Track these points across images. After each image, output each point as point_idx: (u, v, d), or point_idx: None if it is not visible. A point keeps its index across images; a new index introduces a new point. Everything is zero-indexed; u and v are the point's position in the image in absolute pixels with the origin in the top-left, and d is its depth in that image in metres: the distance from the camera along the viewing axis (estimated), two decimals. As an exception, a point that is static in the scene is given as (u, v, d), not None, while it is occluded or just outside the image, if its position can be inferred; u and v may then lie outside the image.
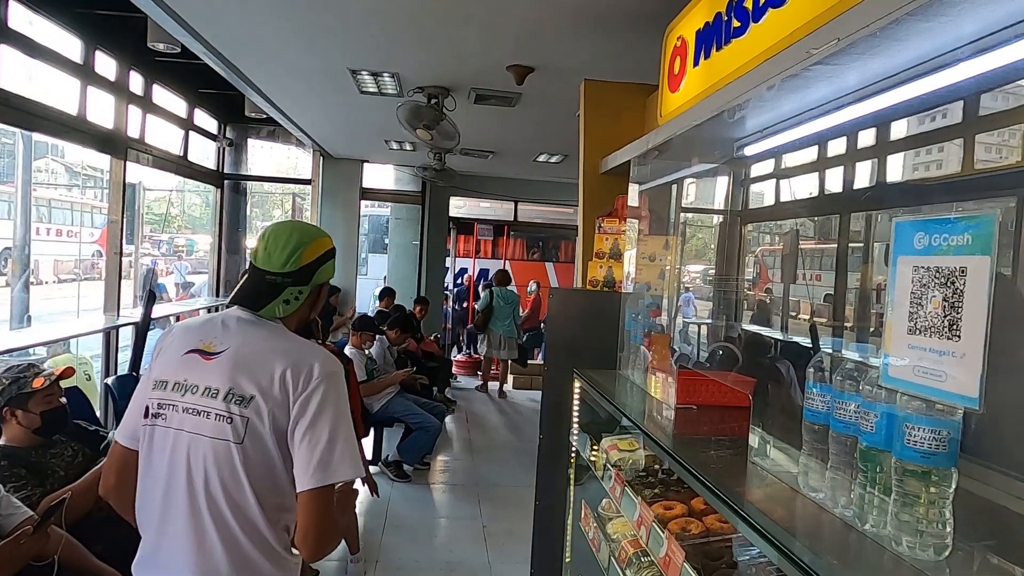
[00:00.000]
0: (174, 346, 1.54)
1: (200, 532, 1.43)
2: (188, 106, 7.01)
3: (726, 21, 2.18)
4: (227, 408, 1.43)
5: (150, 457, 1.49)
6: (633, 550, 2.08)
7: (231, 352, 1.48)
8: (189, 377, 1.48)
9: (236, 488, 1.42)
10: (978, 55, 1.41)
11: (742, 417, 1.73)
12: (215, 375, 1.46)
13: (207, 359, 1.48)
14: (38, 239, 13.18)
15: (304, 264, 1.56)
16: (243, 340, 1.50)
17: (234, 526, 1.43)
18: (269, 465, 1.44)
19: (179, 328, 1.60)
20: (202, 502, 1.42)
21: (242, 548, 1.43)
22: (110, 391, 4.25)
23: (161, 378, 1.51)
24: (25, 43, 4.26)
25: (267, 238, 1.57)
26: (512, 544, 4.03)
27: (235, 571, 1.43)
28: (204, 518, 1.42)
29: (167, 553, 1.47)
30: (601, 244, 3.28)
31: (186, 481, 1.43)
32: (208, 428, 1.43)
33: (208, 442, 1.43)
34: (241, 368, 1.45)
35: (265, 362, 1.45)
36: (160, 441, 1.48)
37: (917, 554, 1.04)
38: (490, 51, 4.05)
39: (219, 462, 1.42)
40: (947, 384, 0.98)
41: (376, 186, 9.80)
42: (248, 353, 1.48)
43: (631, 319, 2.69)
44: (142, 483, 1.51)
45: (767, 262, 3.82)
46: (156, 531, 1.48)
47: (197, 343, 1.51)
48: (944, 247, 0.99)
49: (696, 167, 3.07)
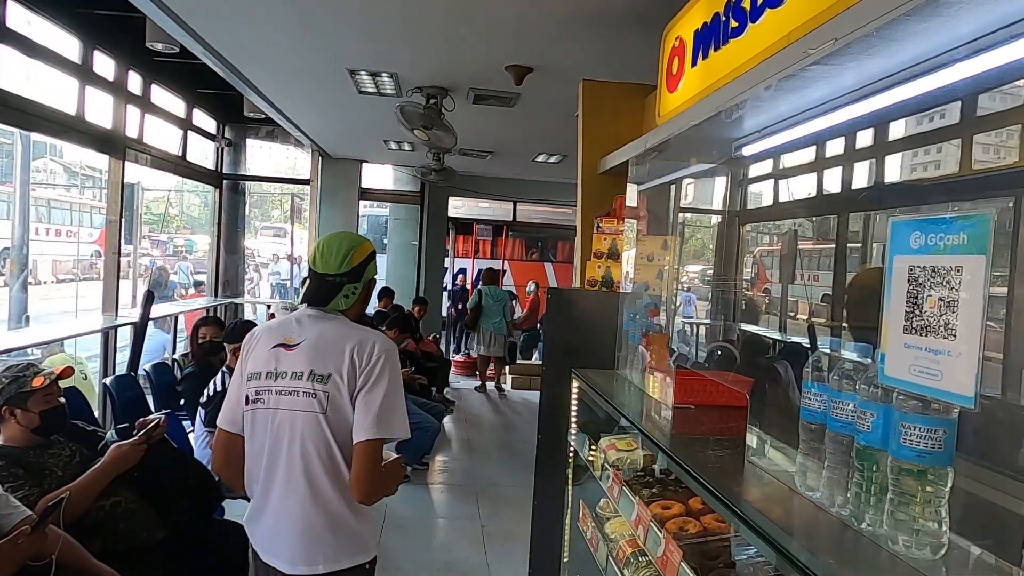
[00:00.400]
0: (261, 344, 1.90)
1: (297, 488, 1.79)
2: (187, 106, 7.00)
3: (724, 21, 2.18)
4: (311, 386, 1.78)
5: (253, 435, 1.87)
6: (631, 550, 2.08)
7: (308, 342, 1.83)
8: (278, 366, 1.83)
9: (324, 449, 1.78)
10: (975, 55, 1.42)
11: (740, 417, 1.73)
12: (298, 361, 1.81)
13: (289, 350, 1.83)
14: (37, 239, 13.17)
15: (355, 265, 1.90)
16: (317, 331, 1.84)
17: (323, 481, 1.79)
18: (347, 427, 1.78)
19: (261, 330, 1.96)
20: (298, 463, 1.79)
21: (328, 498, 1.79)
22: (108, 391, 4.24)
23: (255, 371, 1.86)
24: (23, 43, 4.26)
25: (321, 248, 1.92)
26: (510, 544, 4.03)
27: (316, 515, 1.79)
28: (300, 476, 1.79)
29: (273, 508, 1.83)
30: (599, 244, 3.28)
31: (286, 448, 1.80)
32: (299, 404, 1.78)
33: (300, 415, 1.78)
34: (318, 353, 1.80)
35: (337, 345, 1.80)
36: (261, 421, 1.84)
37: (913, 553, 1.04)
38: (488, 51, 4.05)
39: (311, 430, 1.78)
40: (943, 383, 0.98)
41: (375, 186, 9.80)
42: (322, 341, 1.82)
43: (629, 319, 2.69)
44: (248, 456, 1.88)
45: (765, 262, 3.82)
46: (262, 493, 1.85)
47: (280, 339, 1.86)
48: (940, 247, 0.99)
49: (694, 167, 3.07)
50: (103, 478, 2.49)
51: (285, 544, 1.83)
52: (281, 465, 1.81)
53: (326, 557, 1.82)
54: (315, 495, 1.79)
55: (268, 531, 1.86)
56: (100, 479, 2.48)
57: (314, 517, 1.80)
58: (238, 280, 8.53)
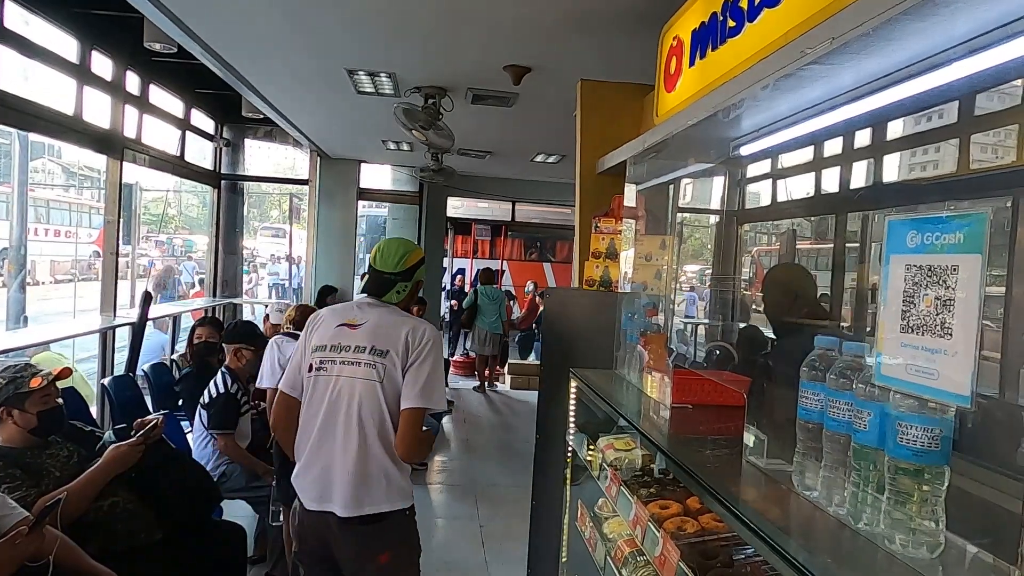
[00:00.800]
0: (325, 323, 2.26)
1: (352, 442, 2.12)
2: (185, 106, 7.00)
3: (722, 21, 2.19)
4: (372, 359, 2.14)
5: (312, 397, 2.19)
6: (629, 549, 2.08)
7: (370, 324, 2.20)
8: (342, 341, 2.19)
9: (378, 411, 2.13)
10: (972, 55, 1.42)
11: (737, 416, 1.73)
12: (361, 338, 2.18)
13: (353, 329, 2.21)
14: (35, 240, 13.16)
15: (408, 267, 2.29)
16: (376, 316, 2.23)
17: (375, 437, 2.13)
18: (396, 396, 2.14)
19: (326, 312, 2.33)
20: (355, 421, 2.13)
21: (376, 450, 2.13)
22: (107, 391, 4.24)
23: (320, 344, 2.22)
24: (21, 43, 4.26)
25: (381, 249, 2.30)
26: (509, 544, 4.03)
27: (368, 466, 2.12)
28: (354, 431, 2.12)
29: (327, 461, 2.14)
30: (597, 244, 3.28)
31: (344, 409, 2.14)
32: (360, 373, 2.14)
33: (360, 382, 2.14)
34: (378, 333, 2.18)
35: (393, 329, 2.19)
36: (322, 385, 2.18)
37: (910, 552, 1.04)
38: (487, 51, 4.05)
39: (368, 395, 2.13)
40: (939, 382, 0.98)
41: (373, 186, 9.80)
42: (381, 324, 2.20)
43: (627, 319, 2.69)
44: (304, 416, 2.21)
45: (763, 262, 3.82)
46: (315, 449, 2.16)
47: (344, 320, 2.24)
48: (936, 245, 0.99)
49: (692, 167, 3.07)
50: (101, 479, 2.49)
51: (339, 491, 2.12)
52: (339, 423, 2.14)
53: (374, 501, 2.14)
54: (367, 449, 2.12)
55: (321, 482, 2.15)
56: (98, 480, 2.48)
57: (365, 468, 2.12)
58: (237, 280, 8.53)
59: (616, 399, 2.30)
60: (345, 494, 2.12)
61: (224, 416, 3.52)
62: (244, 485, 3.55)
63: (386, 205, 10.80)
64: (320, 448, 2.16)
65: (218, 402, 3.52)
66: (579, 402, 2.77)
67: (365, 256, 13.67)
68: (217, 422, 3.50)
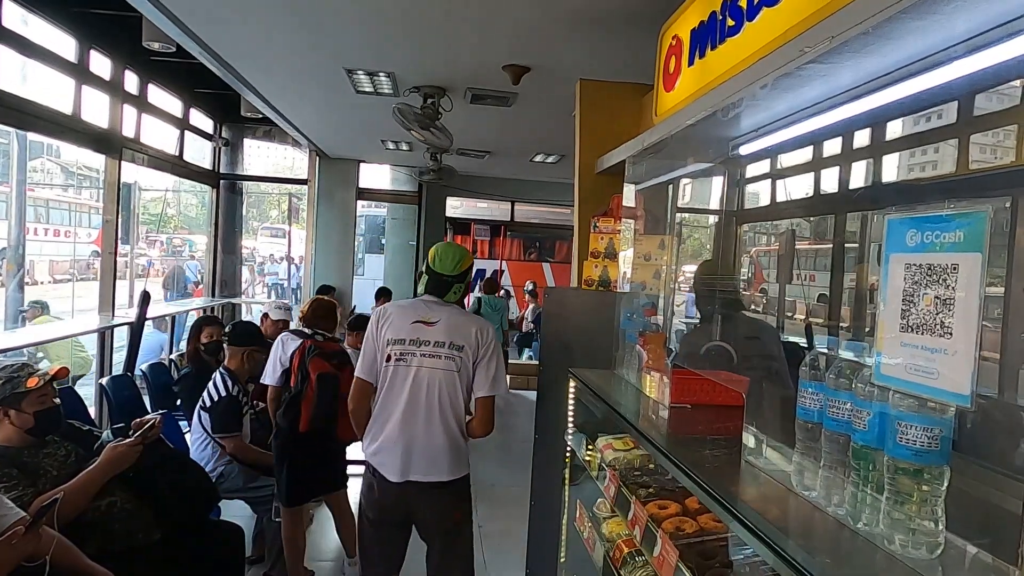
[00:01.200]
0: (397, 319, 2.55)
1: (433, 424, 2.49)
2: (183, 105, 6.99)
3: (721, 20, 2.18)
4: (451, 353, 2.50)
5: (392, 384, 2.51)
6: (628, 550, 2.08)
7: (444, 323, 2.53)
8: (421, 336, 2.51)
9: (455, 397, 2.52)
10: (971, 54, 1.41)
11: (736, 416, 1.73)
12: (439, 334, 2.51)
13: (429, 326, 2.53)
14: (34, 239, 13.14)
15: (462, 270, 2.63)
16: (447, 315, 2.55)
17: (451, 417, 2.51)
18: (469, 383, 2.55)
19: (393, 308, 2.62)
20: (435, 407, 2.49)
21: (453, 431, 2.53)
22: (105, 391, 4.23)
23: (397, 337, 2.52)
24: (20, 42, 4.25)
25: (439, 253, 2.62)
26: (508, 544, 4.02)
27: (447, 444, 2.51)
28: (436, 415, 2.49)
29: (409, 437, 2.48)
30: (596, 244, 3.28)
31: (426, 395, 2.49)
32: (440, 364, 2.50)
33: (441, 372, 2.50)
34: (453, 330, 2.53)
35: (467, 326, 2.56)
36: (402, 374, 2.50)
37: (910, 552, 1.03)
38: (486, 51, 4.04)
39: (448, 382, 2.50)
40: (939, 382, 0.98)
41: (372, 186, 9.79)
42: (454, 323, 2.55)
43: (626, 318, 2.69)
44: (384, 400, 2.53)
45: (762, 262, 3.82)
46: (396, 428, 2.49)
47: (418, 317, 2.54)
48: (936, 244, 0.99)
49: (691, 167, 3.06)
50: (98, 478, 2.48)
51: (422, 462, 2.50)
52: (422, 407, 2.49)
53: (448, 469, 2.54)
54: (445, 427, 2.50)
55: (405, 456, 2.50)
56: (95, 480, 2.47)
57: (442, 442, 2.51)
58: (235, 280, 8.52)
59: (615, 399, 2.30)
60: (427, 464, 2.50)
61: (229, 419, 3.50)
62: (242, 486, 3.54)
63: (385, 205, 10.79)
64: (403, 428, 2.49)
65: (220, 405, 3.50)
66: (578, 402, 2.77)
67: (365, 256, 13.74)
68: (221, 426, 3.48)
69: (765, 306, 3.74)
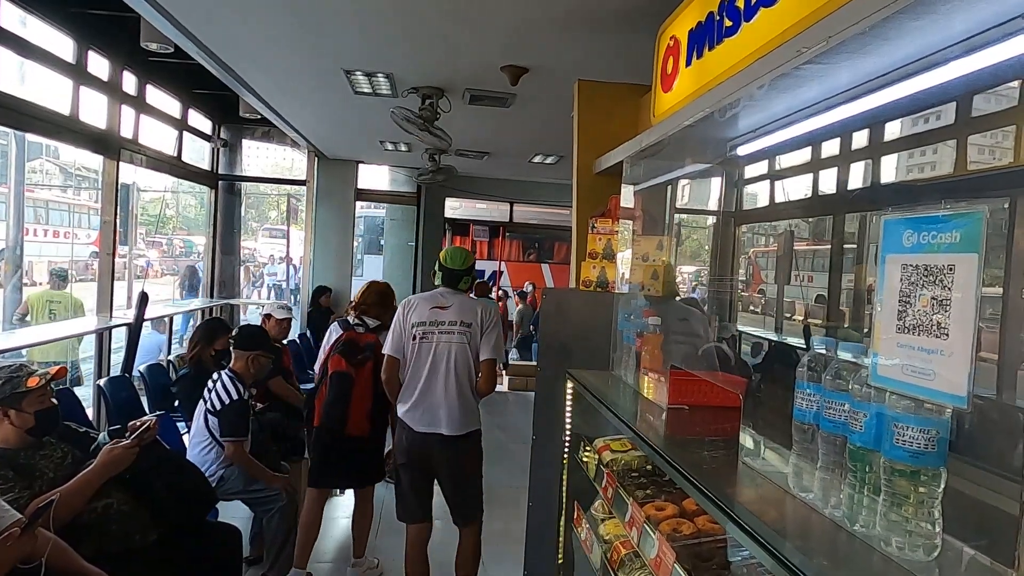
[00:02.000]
0: (420, 306, 3.16)
1: (450, 385, 3.11)
2: (182, 106, 6.99)
3: (718, 20, 2.18)
4: (462, 329, 3.14)
5: (418, 357, 3.13)
6: (625, 551, 2.07)
7: (456, 306, 3.16)
8: (438, 318, 3.14)
9: (466, 363, 3.15)
10: (969, 54, 1.41)
11: (733, 417, 1.72)
12: (452, 315, 3.15)
13: (443, 310, 3.15)
14: (33, 240, 13.12)
15: (468, 266, 3.28)
16: (458, 301, 3.19)
17: (464, 380, 3.14)
18: (476, 352, 3.16)
19: (416, 299, 3.22)
20: (452, 371, 3.11)
21: (465, 390, 3.15)
22: (102, 392, 4.22)
23: (420, 321, 3.13)
24: (18, 43, 4.25)
25: (449, 253, 3.26)
26: (506, 545, 4.01)
27: (461, 401, 3.12)
28: (452, 378, 3.11)
29: (434, 399, 3.11)
30: (594, 244, 3.27)
31: (445, 364, 3.12)
32: (455, 339, 3.13)
33: (456, 344, 3.13)
34: (463, 311, 3.16)
35: (472, 308, 3.20)
36: (426, 348, 3.12)
37: (907, 554, 1.03)
38: (483, 51, 4.04)
39: (461, 352, 3.14)
40: (935, 383, 0.97)
41: (371, 187, 9.78)
42: (463, 305, 3.19)
43: (624, 319, 2.68)
44: (412, 370, 3.14)
45: (760, 263, 3.82)
46: (422, 390, 3.11)
47: (434, 304, 3.16)
48: (932, 245, 0.98)
49: (689, 167, 3.06)
50: (95, 480, 2.47)
51: (445, 418, 3.10)
52: (441, 373, 3.11)
53: (463, 424, 3.15)
54: (461, 389, 3.12)
55: (430, 413, 3.11)
56: (92, 481, 2.46)
57: (459, 402, 3.12)
58: (234, 281, 8.51)
59: (612, 400, 2.29)
60: (449, 421, 3.10)
61: (239, 423, 3.49)
62: (242, 488, 3.53)
63: (384, 206, 10.79)
64: (428, 391, 3.11)
65: (232, 409, 3.47)
66: (576, 403, 2.76)
67: (364, 257, 13.74)
68: (231, 429, 3.47)
69: (764, 307, 3.74)
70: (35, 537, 2.03)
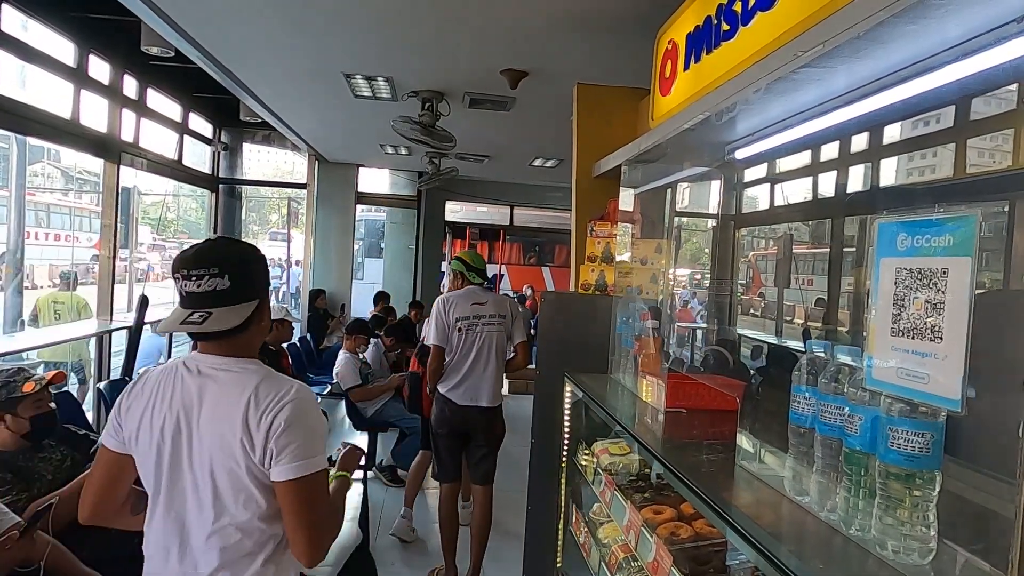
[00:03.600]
0: (460, 303, 3.62)
1: (490, 366, 3.64)
2: (182, 110, 7.00)
3: (716, 25, 2.18)
4: (500, 319, 3.66)
5: (463, 346, 3.60)
6: (623, 555, 2.07)
7: (491, 302, 3.69)
8: (479, 312, 3.63)
9: (502, 348, 3.69)
10: (964, 58, 1.41)
11: (731, 420, 1.72)
12: (490, 309, 3.66)
13: (482, 305, 3.64)
14: (35, 243, 13.14)
15: (484, 267, 3.80)
16: (491, 298, 3.71)
17: (500, 363, 3.70)
18: (509, 336, 3.73)
19: (454, 296, 3.66)
20: (492, 353, 3.64)
21: (500, 370, 3.74)
22: (102, 396, 4.22)
23: (463, 315, 3.60)
24: (19, 47, 4.26)
25: (472, 257, 3.77)
26: (505, 548, 4.01)
27: (496, 379, 3.71)
28: (492, 361, 3.65)
29: (476, 378, 3.63)
30: (593, 248, 3.28)
31: (486, 349, 3.62)
32: (493, 329, 3.65)
33: (495, 332, 3.65)
34: (498, 306, 3.70)
35: (503, 303, 3.76)
36: (470, 338, 3.61)
37: (902, 558, 1.03)
38: (483, 55, 4.05)
39: (499, 340, 3.67)
40: (930, 386, 0.97)
41: (372, 190, 9.77)
42: (497, 301, 3.74)
43: (622, 323, 2.69)
44: (458, 356, 3.61)
45: (760, 266, 3.82)
46: (467, 371, 3.61)
47: (474, 300, 3.64)
48: (926, 248, 0.99)
49: (688, 171, 3.06)
50: (94, 483, 2.46)
51: (485, 392, 3.64)
52: (483, 357, 3.62)
53: (496, 397, 3.72)
54: (497, 370, 3.69)
55: (473, 389, 3.62)
56: (91, 484, 2.46)
57: (495, 379, 3.69)
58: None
59: (610, 403, 2.29)
60: (488, 394, 3.66)
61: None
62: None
63: (384, 209, 10.79)
64: (472, 372, 3.62)
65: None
66: (574, 406, 2.77)
67: (364, 260, 13.74)
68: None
69: (764, 310, 3.74)
70: (34, 540, 2.03)
